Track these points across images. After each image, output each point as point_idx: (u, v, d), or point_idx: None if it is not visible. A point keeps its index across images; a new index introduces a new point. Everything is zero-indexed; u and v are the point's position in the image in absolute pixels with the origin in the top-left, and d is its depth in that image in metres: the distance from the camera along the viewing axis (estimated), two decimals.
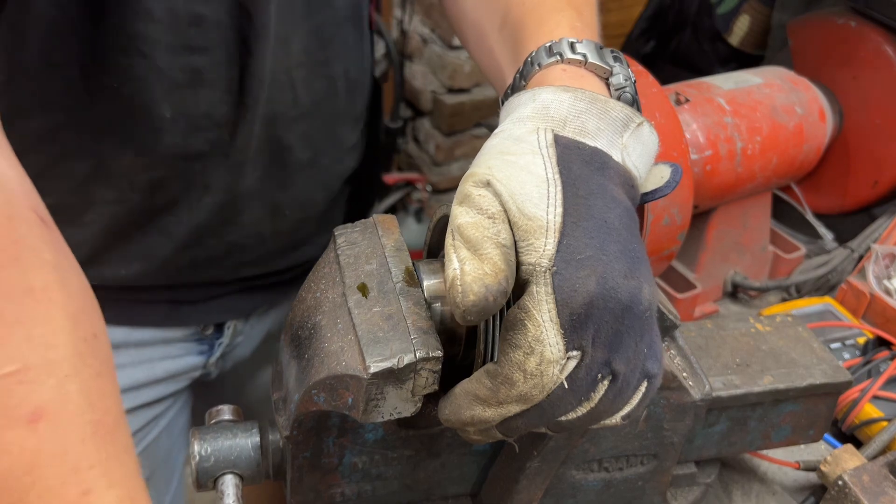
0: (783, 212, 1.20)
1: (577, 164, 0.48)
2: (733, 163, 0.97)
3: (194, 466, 0.55)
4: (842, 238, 1.16)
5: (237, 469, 0.56)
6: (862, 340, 0.95)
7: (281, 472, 0.58)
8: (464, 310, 0.44)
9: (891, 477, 0.72)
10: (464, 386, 0.49)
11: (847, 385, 0.71)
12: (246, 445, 0.56)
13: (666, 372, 0.62)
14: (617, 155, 0.50)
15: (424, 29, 2.48)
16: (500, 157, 0.48)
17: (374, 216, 0.57)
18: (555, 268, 0.44)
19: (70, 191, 0.73)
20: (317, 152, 0.82)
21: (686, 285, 1.04)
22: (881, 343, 0.94)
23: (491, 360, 0.48)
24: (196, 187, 0.76)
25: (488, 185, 0.47)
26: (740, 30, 1.38)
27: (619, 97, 0.55)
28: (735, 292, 1.10)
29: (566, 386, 0.45)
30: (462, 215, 0.46)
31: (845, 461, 0.74)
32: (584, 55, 0.56)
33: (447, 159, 2.59)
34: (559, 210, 0.46)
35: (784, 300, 1.09)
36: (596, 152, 0.49)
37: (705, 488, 0.74)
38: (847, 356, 0.92)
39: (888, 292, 0.98)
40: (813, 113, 1.07)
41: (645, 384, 0.49)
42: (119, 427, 0.43)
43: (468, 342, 0.53)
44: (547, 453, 0.61)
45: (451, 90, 2.45)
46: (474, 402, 0.48)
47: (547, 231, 0.45)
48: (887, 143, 1.09)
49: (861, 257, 1.09)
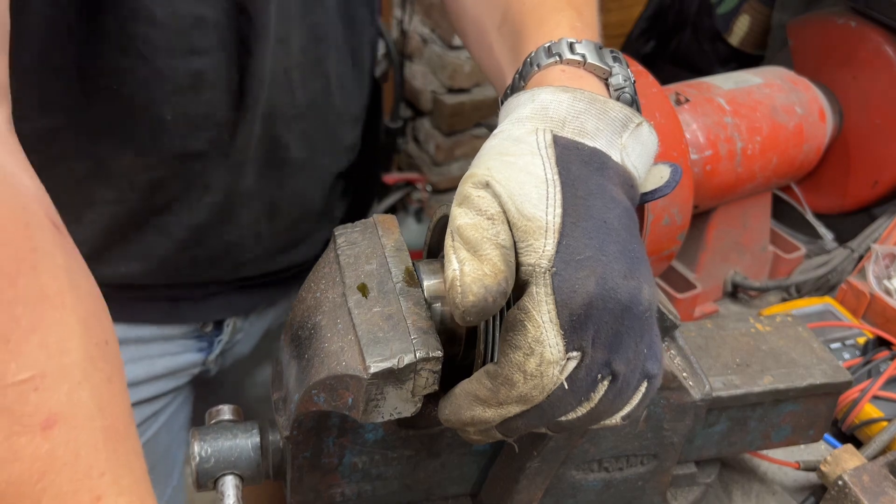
0: (783, 212, 1.20)
1: (577, 165, 0.48)
2: (733, 163, 0.97)
3: (194, 467, 0.55)
4: (842, 238, 1.16)
5: (237, 469, 0.56)
6: (862, 340, 0.95)
7: (281, 473, 0.58)
8: (463, 310, 0.44)
9: (891, 477, 0.72)
10: (464, 386, 0.49)
11: (847, 385, 0.71)
12: (246, 446, 0.56)
13: (666, 372, 0.62)
14: (616, 155, 0.50)
15: (424, 29, 2.48)
16: (499, 158, 0.48)
17: (374, 216, 0.57)
18: (554, 268, 0.44)
19: (70, 191, 0.73)
20: (315, 151, 0.82)
21: (686, 285, 1.04)
22: (881, 343, 0.94)
23: (491, 361, 0.48)
24: (196, 187, 0.76)
25: (487, 186, 0.47)
26: (740, 30, 1.38)
27: (619, 97, 0.55)
28: (735, 292, 1.10)
29: (566, 386, 0.45)
30: (461, 216, 0.46)
31: (845, 461, 0.74)
32: (583, 56, 0.56)
33: (447, 159, 2.59)
34: (558, 211, 0.46)
35: (784, 300, 1.09)
36: (595, 153, 0.49)
37: (705, 488, 0.74)
38: (847, 356, 0.92)
39: (888, 292, 0.98)
40: (813, 113, 1.07)
41: (645, 384, 0.49)
42: (129, 432, 0.44)
43: (468, 342, 0.53)
44: (547, 453, 0.61)
45: (451, 90, 2.45)
46: (474, 403, 0.48)
47: (546, 232, 0.45)
48: (887, 143, 1.09)
49: (861, 257, 1.09)
